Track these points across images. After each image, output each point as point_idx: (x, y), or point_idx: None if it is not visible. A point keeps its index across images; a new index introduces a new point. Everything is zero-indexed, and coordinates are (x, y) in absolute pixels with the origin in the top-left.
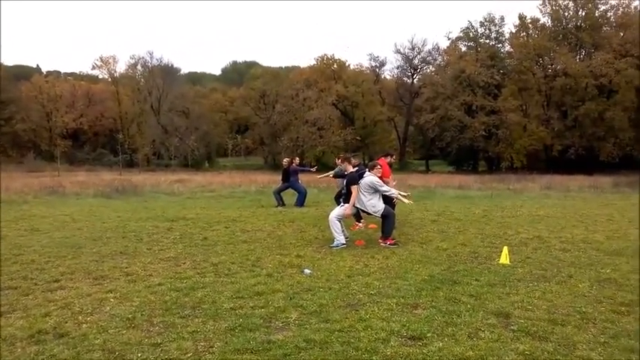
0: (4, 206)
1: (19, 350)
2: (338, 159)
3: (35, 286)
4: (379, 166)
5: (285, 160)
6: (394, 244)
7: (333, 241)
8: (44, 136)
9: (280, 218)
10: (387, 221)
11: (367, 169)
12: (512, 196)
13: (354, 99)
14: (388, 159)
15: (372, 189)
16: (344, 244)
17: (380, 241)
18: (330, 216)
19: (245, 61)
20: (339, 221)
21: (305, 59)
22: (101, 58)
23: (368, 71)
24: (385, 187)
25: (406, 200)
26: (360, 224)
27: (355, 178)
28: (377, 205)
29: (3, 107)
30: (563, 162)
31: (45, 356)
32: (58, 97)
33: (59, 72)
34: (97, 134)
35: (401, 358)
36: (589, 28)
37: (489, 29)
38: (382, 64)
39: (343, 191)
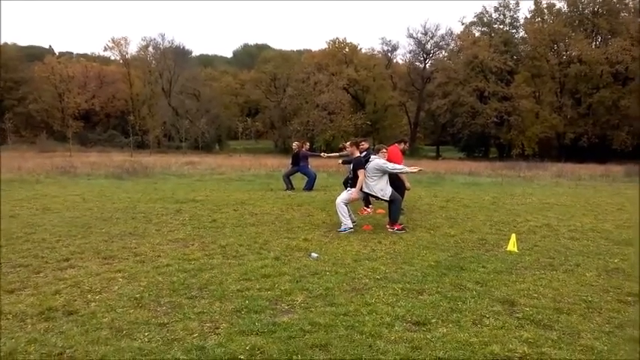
0: (17, 185)
1: (30, 327)
2: (347, 143)
3: (46, 264)
4: (384, 150)
5: (295, 144)
6: (402, 229)
7: (341, 226)
8: (57, 116)
9: (289, 202)
10: (393, 206)
11: (374, 153)
12: (523, 184)
13: (365, 83)
14: (401, 145)
15: (380, 172)
16: (351, 228)
17: (387, 226)
18: (337, 200)
19: (256, 44)
20: (346, 205)
21: (317, 42)
22: (113, 40)
23: (380, 55)
24: (392, 165)
25: (415, 169)
26: (369, 209)
27: (361, 163)
28: (385, 189)
29: (16, 87)
30: (576, 150)
31: (54, 333)
32: (70, 78)
33: (71, 53)
34: (109, 115)
35: (405, 342)
36: (606, 14)
37: (504, 14)
38: (394, 48)
39: (350, 176)
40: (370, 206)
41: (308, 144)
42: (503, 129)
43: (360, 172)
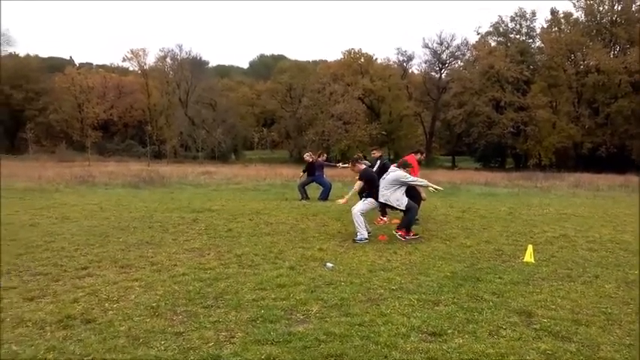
0: (37, 194)
1: (49, 334)
2: (375, 152)
3: (65, 272)
4: (409, 168)
5: (306, 155)
6: (414, 236)
7: (357, 235)
8: (76, 126)
9: (303, 212)
10: (408, 214)
11: (395, 165)
12: (540, 194)
13: (380, 93)
14: (418, 156)
15: (398, 183)
16: (367, 238)
17: (396, 231)
18: (354, 210)
19: (272, 55)
20: (362, 216)
21: (332, 53)
22: (132, 51)
23: (395, 65)
24: (413, 178)
25: (434, 188)
26: (385, 219)
27: (367, 173)
28: (401, 199)
29: (37, 98)
30: (594, 160)
31: (73, 341)
32: (89, 88)
33: (91, 64)
34: (127, 125)
35: (420, 353)
36: (624, 23)
37: (520, 24)
38: (410, 58)
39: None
40: (386, 216)
41: (325, 155)
42: (520, 139)
43: (358, 183)
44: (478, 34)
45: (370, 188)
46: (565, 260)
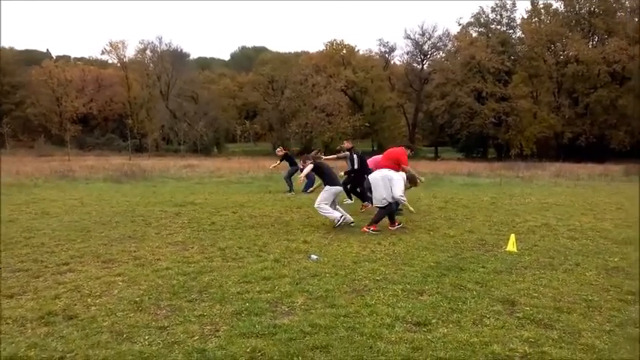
0: (15, 190)
1: (30, 331)
2: (345, 143)
3: (45, 268)
4: (408, 174)
5: (278, 149)
6: (400, 227)
7: (335, 222)
8: (54, 120)
9: (288, 204)
10: (382, 211)
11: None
12: (521, 184)
13: (363, 85)
14: (408, 151)
15: (389, 183)
16: (342, 216)
17: (365, 228)
18: (315, 205)
19: (254, 47)
20: (326, 204)
21: (314, 44)
22: (110, 43)
23: (377, 57)
24: (398, 188)
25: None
26: (369, 205)
27: (317, 165)
28: (387, 197)
29: (13, 92)
30: (574, 150)
31: (54, 337)
32: (68, 81)
33: (69, 57)
34: (107, 119)
35: (405, 343)
36: (603, 14)
37: (500, 15)
38: (392, 49)
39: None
40: (366, 203)
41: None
42: (502, 129)
43: (309, 167)
44: (459, 24)
45: (322, 177)
46: (547, 249)
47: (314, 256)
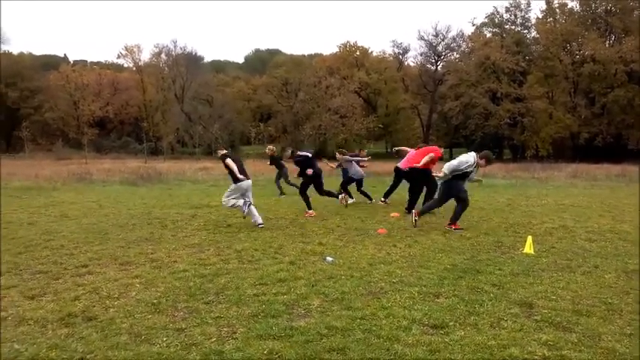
0: (35, 193)
1: (50, 332)
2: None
3: (65, 270)
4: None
5: (268, 148)
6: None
7: (253, 218)
8: (72, 124)
9: (302, 206)
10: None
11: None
12: (538, 185)
13: (376, 86)
14: (441, 151)
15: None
16: (240, 206)
17: (448, 227)
18: (222, 202)
19: (268, 49)
20: (229, 198)
21: (328, 47)
22: (126, 47)
23: (391, 58)
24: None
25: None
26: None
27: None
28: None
29: (32, 96)
30: (590, 150)
31: (75, 338)
32: (84, 85)
33: (86, 61)
34: (123, 122)
35: (422, 346)
36: (620, 12)
37: (515, 15)
38: (405, 50)
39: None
40: (385, 200)
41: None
42: (517, 130)
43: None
44: (473, 25)
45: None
46: (564, 251)
47: (329, 258)
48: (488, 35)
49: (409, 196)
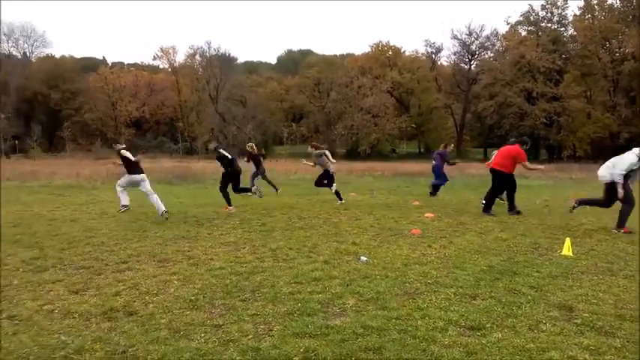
0: (76, 191)
1: (94, 326)
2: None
3: (106, 266)
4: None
5: (248, 145)
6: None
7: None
8: (110, 124)
9: (336, 206)
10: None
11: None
12: (575, 186)
13: (409, 86)
14: (523, 147)
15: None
16: (125, 206)
17: (616, 230)
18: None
19: (300, 50)
20: (120, 187)
21: (360, 46)
22: (161, 49)
23: (424, 57)
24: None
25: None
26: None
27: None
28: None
29: (73, 98)
30: None
31: (117, 332)
32: (122, 87)
33: (123, 63)
34: (158, 122)
35: (459, 347)
36: None
37: (551, 12)
38: (438, 50)
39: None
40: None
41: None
42: (553, 130)
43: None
44: (508, 23)
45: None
46: (605, 253)
47: (363, 258)
48: (524, 34)
49: (507, 198)
